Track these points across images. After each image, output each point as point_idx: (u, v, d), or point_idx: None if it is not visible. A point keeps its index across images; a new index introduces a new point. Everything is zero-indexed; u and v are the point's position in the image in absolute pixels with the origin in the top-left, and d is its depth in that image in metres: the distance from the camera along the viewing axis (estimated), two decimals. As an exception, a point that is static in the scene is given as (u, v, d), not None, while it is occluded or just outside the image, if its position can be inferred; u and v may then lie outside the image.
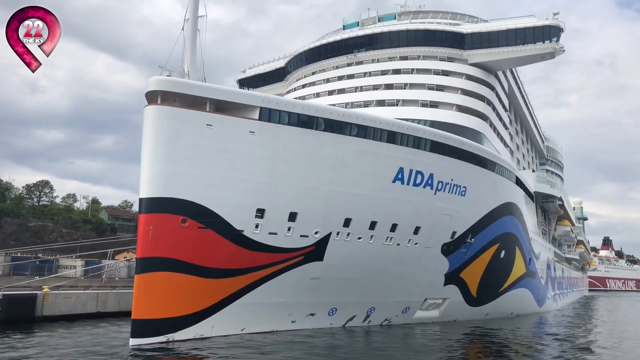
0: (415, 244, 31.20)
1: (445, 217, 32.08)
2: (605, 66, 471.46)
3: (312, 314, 29.14)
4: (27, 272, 44.39)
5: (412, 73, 40.57)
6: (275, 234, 25.47)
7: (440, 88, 39.55)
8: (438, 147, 30.41)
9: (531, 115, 70.97)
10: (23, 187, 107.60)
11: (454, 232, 33.23)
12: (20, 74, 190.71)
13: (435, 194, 30.89)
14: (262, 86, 52.50)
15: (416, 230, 30.83)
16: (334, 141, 26.40)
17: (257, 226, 24.81)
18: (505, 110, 49.78)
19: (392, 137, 28.33)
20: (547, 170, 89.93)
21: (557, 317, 50.36)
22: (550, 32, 41.11)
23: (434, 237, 32.03)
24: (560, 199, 56.27)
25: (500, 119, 46.81)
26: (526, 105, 66.36)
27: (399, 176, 28.92)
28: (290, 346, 23.30)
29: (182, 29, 24.93)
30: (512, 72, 55.70)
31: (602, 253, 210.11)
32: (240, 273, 24.93)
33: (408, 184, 29.40)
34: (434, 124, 35.33)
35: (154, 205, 22.31)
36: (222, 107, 24.43)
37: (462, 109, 38.75)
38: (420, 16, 46.94)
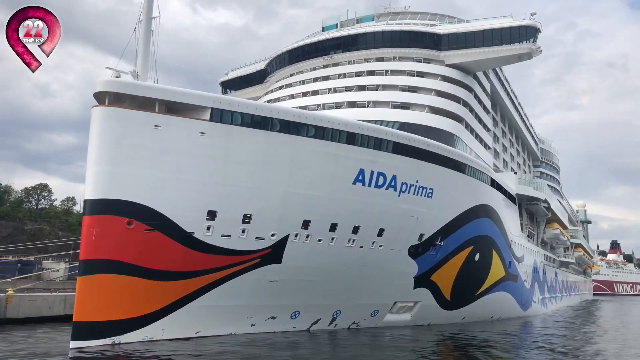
0: (380, 246, 30.85)
1: (411, 219, 31.70)
2: (617, 67, 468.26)
3: (274, 317, 28.84)
4: (9, 276, 44.33)
5: (386, 74, 40.33)
6: (229, 236, 25.23)
7: (413, 89, 39.26)
8: (401, 149, 30.07)
9: (521, 117, 70.42)
10: (22, 190, 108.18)
11: (422, 235, 32.83)
12: (32, 78, 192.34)
13: (399, 195, 30.54)
14: (244, 88, 52.51)
15: (380, 233, 30.49)
16: (290, 142, 26.14)
17: (208, 228, 24.58)
18: (487, 112, 49.35)
19: (351, 138, 28.03)
20: (542, 173, 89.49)
21: (544, 321, 49.77)
22: (526, 33, 40.77)
23: (399, 240, 31.65)
24: (545, 201, 55.58)
25: (480, 120, 46.42)
26: (515, 106, 65.87)
27: (360, 177, 28.60)
28: (239, 350, 23.06)
29: (134, 30, 24.82)
30: (496, 73, 55.31)
31: (610, 257, 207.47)
32: (192, 275, 24.69)
33: (370, 185, 29.08)
34: (403, 125, 35.08)
35: (98, 206, 22.15)
36: (174, 108, 24.25)
37: (435, 110, 38.43)
38: (399, 17, 46.77)
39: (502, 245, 42.44)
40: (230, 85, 54.06)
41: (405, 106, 37.69)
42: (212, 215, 24.58)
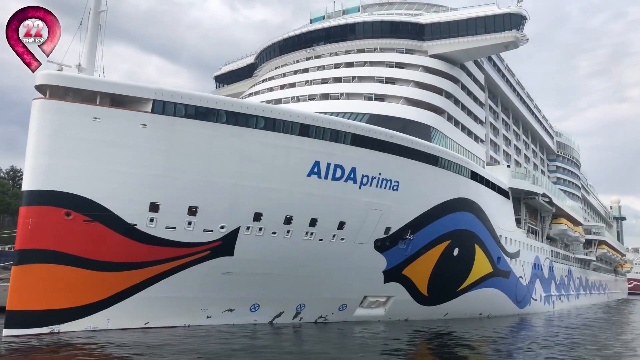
0: (342, 239, 30.41)
1: (375, 213, 31.11)
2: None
3: (231, 310, 28.84)
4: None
5: (364, 66, 39.68)
6: (174, 228, 25.29)
7: (390, 81, 38.51)
8: (360, 140, 29.51)
9: (529, 109, 68.34)
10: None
11: (388, 228, 32.20)
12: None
13: (359, 188, 30.01)
14: (235, 82, 52.75)
15: (340, 226, 30.04)
16: (237, 134, 25.98)
17: (152, 220, 24.69)
18: (481, 104, 47.99)
19: (305, 130, 27.66)
20: (558, 167, 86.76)
21: (542, 320, 48.27)
22: (511, 21, 39.45)
23: (363, 233, 31.12)
24: (544, 195, 53.67)
25: (470, 112, 45.18)
26: (521, 98, 63.93)
27: (315, 170, 28.21)
28: (182, 340, 23.11)
29: (80, 24, 25.07)
30: (494, 64, 53.81)
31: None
32: (137, 267, 24.88)
33: (326, 178, 28.66)
34: (373, 117, 34.47)
35: (34, 197, 22.52)
36: (119, 101, 24.43)
37: (412, 102, 37.61)
38: (385, 8, 45.97)
39: (488, 240, 41.23)
40: (223, 80, 54.37)
41: (379, 98, 37.00)
42: (155, 207, 24.66)
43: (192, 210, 25.56)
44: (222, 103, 25.74)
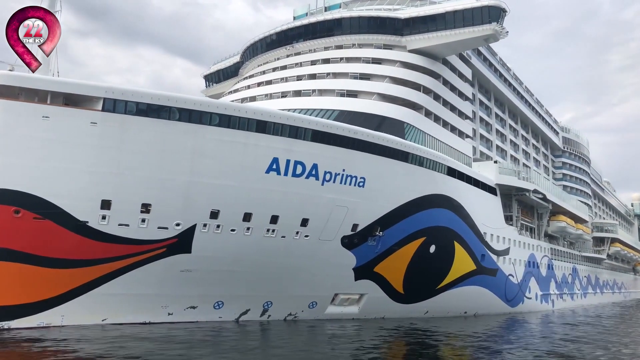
0: (306, 236, 30.23)
1: (340, 209, 30.84)
2: None
3: (193, 307, 28.93)
4: None
5: (340, 62, 39.38)
6: (127, 225, 25.44)
7: (365, 77, 38.15)
8: (321, 137, 29.27)
9: (529, 104, 67.06)
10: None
11: (356, 225, 31.89)
12: (106, 81, 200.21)
13: (322, 184, 29.78)
14: (223, 81, 52.92)
15: (304, 223, 29.85)
16: (191, 131, 26.00)
17: (104, 217, 24.88)
18: (466, 99, 47.21)
19: (262, 126, 27.55)
20: (564, 163, 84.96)
21: (537, 318, 47.41)
22: (490, 14, 38.69)
23: (328, 230, 30.87)
24: (536, 191, 52.49)
25: (453, 108, 44.50)
26: (517, 93, 62.78)
27: (274, 167, 28.07)
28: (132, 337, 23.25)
29: (35, 24, 25.34)
30: (485, 58, 52.94)
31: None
32: (90, 264, 25.10)
33: (286, 174, 28.50)
34: (342, 113, 34.20)
35: None
36: (71, 100, 24.66)
37: (386, 98, 37.19)
38: (367, 3, 45.53)
39: (469, 237, 40.53)
40: (211, 79, 54.65)
41: (352, 94, 36.68)
42: (106, 204, 24.84)
43: (146, 208, 25.66)
44: (174, 100, 25.79)
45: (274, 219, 28.89)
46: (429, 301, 38.77)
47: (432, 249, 36.91)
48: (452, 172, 38.34)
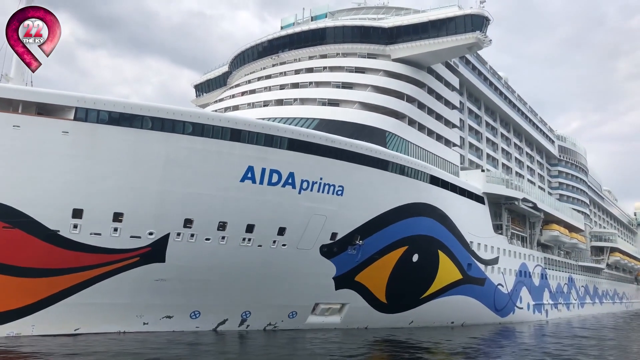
0: (283, 245, 30.11)
1: (319, 218, 30.73)
2: None
3: (169, 316, 28.79)
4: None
5: (323, 71, 39.47)
6: (99, 234, 25.41)
7: (348, 86, 38.22)
8: (298, 145, 29.25)
9: (521, 113, 66.88)
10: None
11: (335, 234, 31.75)
12: (114, 92, 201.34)
13: (299, 193, 29.70)
14: (213, 91, 53.14)
15: (281, 231, 29.74)
16: (164, 140, 26.03)
17: (75, 226, 24.86)
18: (453, 108, 47.14)
19: (236, 135, 27.55)
20: (560, 172, 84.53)
21: (528, 328, 46.98)
22: (472, 22, 38.72)
23: (306, 239, 30.73)
24: (526, 200, 52.16)
25: (439, 116, 44.42)
26: (509, 102, 62.65)
27: (249, 175, 28.03)
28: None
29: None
30: (473, 67, 52.93)
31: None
32: (62, 273, 25.04)
33: (261, 183, 28.45)
34: (323, 122, 34.22)
35: None
36: (45, 109, 24.77)
37: (368, 106, 37.20)
38: (353, 13, 45.74)
39: (454, 246, 40.26)
40: (202, 89, 54.94)
41: (334, 103, 36.72)
42: (78, 213, 24.82)
43: (118, 217, 25.64)
44: (146, 109, 25.85)
45: (250, 228, 28.80)
46: (414, 311, 38.46)
47: (415, 257, 36.67)
48: (435, 181, 38.19)
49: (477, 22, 38.75)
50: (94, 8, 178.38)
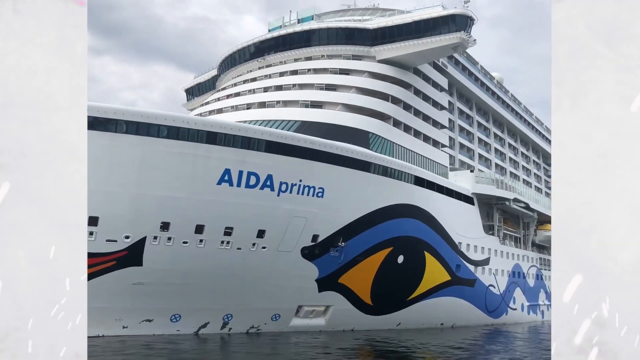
0: (263, 247, 30.05)
1: (299, 220, 30.65)
2: None
3: (149, 320, 28.79)
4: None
5: (307, 73, 39.43)
6: None
7: (332, 87, 38.13)
8: (276, 147, 29.20)
9: (515, 112, 66.56)
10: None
11: (316, 236, 31.65)
12: (121, 97, 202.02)
13: (278, 195, 29.63)
14: (203, 94, 53.12)
15: (260, 234, 29.68)
16: (138, 143, 26.07)
17: (50, 230, 24.87)
18: (442, 108, 46.93)
19: (212, 137, 27.55)
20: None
21: (523, 329, 46.70)
22: (456, 22, 38.53)
23: (287, 241, 30.65)
24: (517, 200, 51.79)
25: (427, 117, 44.23)
26: (502, 102, 62.36)
27: (226, 178, 28.02)
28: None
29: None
30: (464, 67, 52.73)
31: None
32: (37, 277, 25.07)
33: (239, 185, 28.42)
34: (304, 124, 34.17)
35: None
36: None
37: (352, 108, 37.09)
38: (339, 15, 45.70)
39: (442, 247, 40.04)
40: (192, 92, 55.01)
41: (317, 105, 36.63)
42: None
43: (93, 220, 25.65)
44: (121, 113, 25.91)
45: (228, 231, 28.76)
46: (401, 312, 38.26)
47: (401, 259, 36.50)
48: (420, 182, 37.99)
49: (461, 22, 38.58)
50: (100, 14, 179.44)
